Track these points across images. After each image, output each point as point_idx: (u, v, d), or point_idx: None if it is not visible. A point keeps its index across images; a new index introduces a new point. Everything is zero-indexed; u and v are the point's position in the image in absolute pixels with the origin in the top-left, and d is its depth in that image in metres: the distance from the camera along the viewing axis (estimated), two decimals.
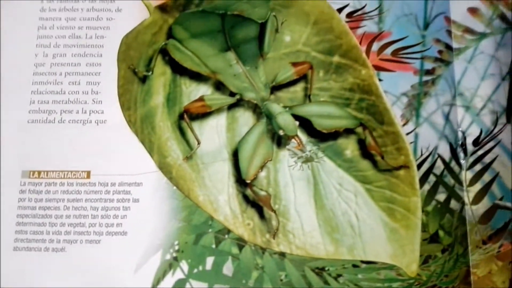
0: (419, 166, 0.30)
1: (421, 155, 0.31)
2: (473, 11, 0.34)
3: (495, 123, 0.32)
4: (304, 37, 0.32)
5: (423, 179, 0.30)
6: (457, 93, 0.32)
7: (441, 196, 0.30)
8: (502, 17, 0.34)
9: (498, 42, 0.33)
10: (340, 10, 0.33)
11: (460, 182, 0.31)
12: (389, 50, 0.32)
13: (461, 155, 0.32)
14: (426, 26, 0.33)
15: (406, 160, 0.30)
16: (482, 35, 0.33)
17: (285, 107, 0.31)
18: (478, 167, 0.31)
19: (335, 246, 0.29)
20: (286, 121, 0.30)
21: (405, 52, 0.33)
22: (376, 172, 0.30)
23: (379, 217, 0.30)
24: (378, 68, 0.32)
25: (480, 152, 0.31)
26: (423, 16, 0.33)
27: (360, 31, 0.33)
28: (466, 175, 0.31)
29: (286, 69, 0.32)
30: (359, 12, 0.33)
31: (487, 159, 0.31)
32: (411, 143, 0.31)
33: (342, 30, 0.32)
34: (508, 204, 0.31)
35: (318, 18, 0.33)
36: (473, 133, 0.32)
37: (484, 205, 0.30)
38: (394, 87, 0.32)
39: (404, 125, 0.31)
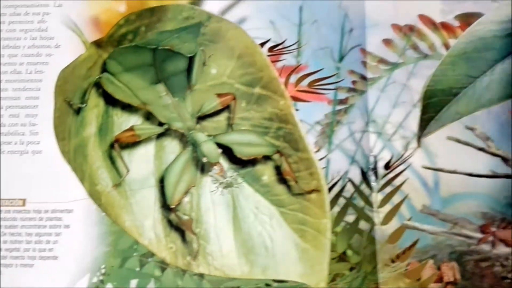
0: (330, 189, 0.33)
1: (332, 179, 0.33)
2: (387, 42, 0.36)
3: (406, 148, 0.34)
4: (229, 70, 0.35)
5: (334, 202, 0.33)
6: (370, 120, 0.35)
7: (350, 218, 0.33)
8: (415, 47, 0.36)
9: (410, 71, 0.35)
10: (262, 44, 0.35)
11: (370, 204, 0.33)
12: (305, 82, 0.35)
13: (373, 178, 0.34)
14: (341, 58, 0.35)
15: (317, 184, 0.32)
16: (395, 65, 0.36)
17: (209, 135, 0.33)
18: (388, 189, 0.33)
19: (250, 267, 0.31)
20: (209, 149, 0.32)
21: (320, 83, 0.35)
22: (290, 196, 0.32)
23: (291, 238, 0.32)
24: (295, 99, 0.34)
25: (391, 175, 0.34)
26: (339, 49, 0.36)
27: (280, 64, 0.35)
28: (377, 197, 0.33)
29: (211, 100, 0.34)
30: (280, 47, 0.35)
31: (397, 182, 0.34)
32: (323, 168, 0.33)
33: (263, 64, 0.34)
34: (416, 225, 0.33)
35: (242, 52, 0.35)
36: (384, 157, 0.34)
37: (393, 225, 0.32)
38: (309, 116, 0.34)
39: (317, 151, 0.34)
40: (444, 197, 0.33)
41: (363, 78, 0.36)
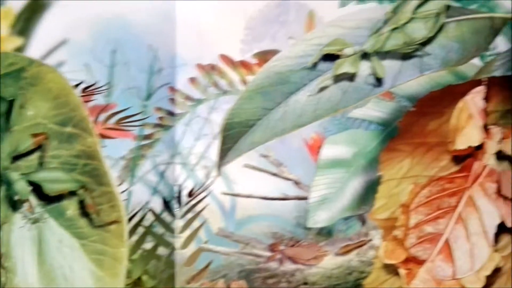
0: (131, 220, 0.36)
1: (133, 210, 0.36)
2: (192, 80, 0.39)
3: (208, 176, 0.38)
4: (44, 111, 0.37)
5: (133, 231, 0.36)
6: (177, 153, 0.38)
7: (149, 245, 0.36)
8: (216, 85, 0.39)
9: (211, 106, 0.39)
10: (77, 86, 0.38)
11: (172, 230, 0.36)
12: (113, 119, 0.38)
13: (176, 206, 0.37)
14: (149, 97, 0.38)
15: (118, 216, 0.35)
16: (199, 101, 0.39)
17: (22, 174, 0.35)
18: (190, 215, 0.37)
19: None
20: (20, 187, 0.35)
21: (127, 121, 0.38)
22: (92, 228, 0.35)
23: (89, 268, 0.34)
24: (102, 136, 0.37)
25: (193, 202, 0.37)
26: (147, 88, 0.39)
27: (91, 103, 0.38)
28: (179, 223, 0.36)
29: (26, 140, 0.37)
30: (92, 88, 0.38)
31: (198, 208, 0.37)
32: (124, 200, 0.36)
33: (76, 104, 0.37)
34: (211, 247, 0.36)
35: (58, 93, 0.37)
36: (188, 186, 0.37)
37: (191, 248, 0.36)
38: (114, 151, 0.37)
39: (119, 185, 0.37)
40: (239, 219, 0.37)
41: (171, 114, 0.39)
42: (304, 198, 0.37)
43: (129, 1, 0.40)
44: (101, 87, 0.39)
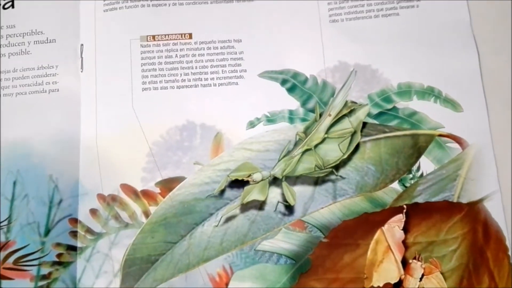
0: None
1: None
2: (93, 212, 0.37)
3: None
4: None
5: None
6: None
7: None
8: (116, 217, 0.37)
9: (112, 241, 0.37)
10: None
11: None
12: (12, 258, 0.37)
13: None
14: (48, 232, 0.37)
15: None
16: (99, 235, 0.37)
17: None
18: None
19: None
20: None
21: (25, 260, 0.36)
22: None
23: None
24: (1, 277, 0.36)
25: None
26: (46, 223, 0.37)
27: None
28: None
29: None
30: None
31: None
32: None
33: None
34: None
35: None
36: None
37: None
38: None
39: None
40: None
41: (71, 248, 0.37)
42: None
43: (34, 126, 0.39)
44: (2, 221, 0.38)
